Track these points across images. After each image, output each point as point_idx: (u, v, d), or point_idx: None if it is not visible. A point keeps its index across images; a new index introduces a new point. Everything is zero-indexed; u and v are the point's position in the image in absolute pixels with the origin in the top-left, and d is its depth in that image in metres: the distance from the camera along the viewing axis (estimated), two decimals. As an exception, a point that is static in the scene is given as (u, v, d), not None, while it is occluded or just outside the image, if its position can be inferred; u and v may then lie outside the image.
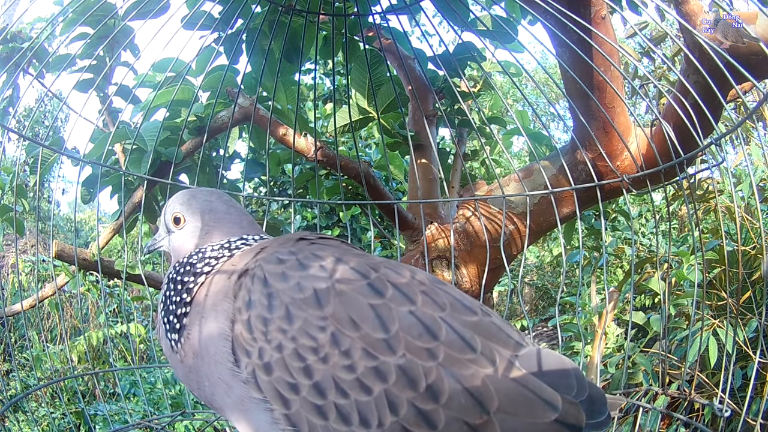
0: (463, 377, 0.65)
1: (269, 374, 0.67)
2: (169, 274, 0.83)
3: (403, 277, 0.72)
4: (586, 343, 2.36)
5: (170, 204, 0.89)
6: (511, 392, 0.65)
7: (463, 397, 0.64)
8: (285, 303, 0.68)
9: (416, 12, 1.59)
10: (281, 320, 0.67)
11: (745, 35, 1.18)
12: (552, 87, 8.24)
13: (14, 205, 1.68)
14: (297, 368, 0.66)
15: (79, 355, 4.07)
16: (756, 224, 2.76)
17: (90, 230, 6.65)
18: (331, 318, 0.67)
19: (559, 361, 0.71)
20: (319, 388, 0.65)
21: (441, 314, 0.68)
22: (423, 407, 0.64)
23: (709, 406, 1.19)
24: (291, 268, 0.71)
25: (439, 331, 0.67)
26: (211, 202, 0.88)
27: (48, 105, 6.82)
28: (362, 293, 0.69)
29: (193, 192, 0.91)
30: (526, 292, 6.75)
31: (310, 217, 4.66)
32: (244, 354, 0.69)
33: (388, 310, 0.67)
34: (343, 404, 0.65)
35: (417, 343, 0.66)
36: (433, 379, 0.64)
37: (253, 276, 0.72)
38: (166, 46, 1.31)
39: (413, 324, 0.67)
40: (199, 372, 0.75)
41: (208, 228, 0.85)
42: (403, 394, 0.64)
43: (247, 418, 0.71)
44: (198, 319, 0.75)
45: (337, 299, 0.68)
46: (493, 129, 2.42)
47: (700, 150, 1.19)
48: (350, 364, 0.65)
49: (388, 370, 0.65)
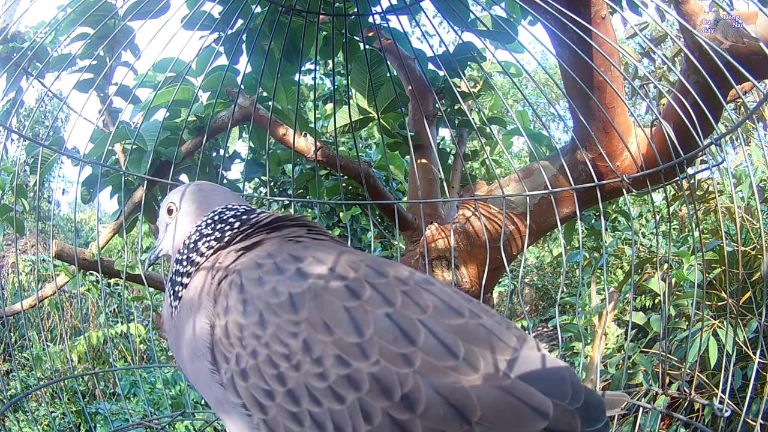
0: (442, 386, 0.62)
1: (245, 380, 0.66)
2: (175, 257, 0.86)
3: (384, 277, 0.69)
4: (586, 343, 2.35)
5: (163, 202, 0.94)
6: (495, 401, 0.62)
7: (442, 407, 0.61)
8: (259, 309, 0.67)
9: (416, 12, 1.59)
10: (255, 326, 0.66)
11: (745, 35, 1.18)
12: (552, 87, 8.25)
13: (14, 205, 1.68)
14: (271, 375, 0.65)
15: (79, 355, 4.07)
16: (756, 225, 2.76)
17: (90, 230, 6.65)
18: (305, 323, 0.65)
19: (554, 365, 0.67)
20: (293, 395, 0.64)
21: (421, 317, 0.65)
22: (398, 417, 0.61)
23: (709, 406, 1.19)
24: (268, 272, 0.70)
25: (417, 335, 0.64)
26: (197, 184, 0.94)
27: (48, 105, 6.82)
28: (338, 296, 0.66)
29: (181, 186, 0.95)
30: (527, 293, 6.75)
31: (311, 218, 4.66)
32: (224, 360, 0.69)
33: (364, 312, 0.65)
34: (317, 412, 0.63)
35: (392, 348, 0.63)
36: (410, 387, 0.61)
37: (231, 282, 0.71)
38: (166, 46, 1.31)
39: (389, 327, 0.64)
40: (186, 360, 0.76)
41: (198, 204, 0.89)
42: (378, 403, 0.61)
43: (229, 419, 0.71)
44: (187, 310, 0.76)
45: (312, 303, 0.66)
46: (493, 129, 2.42)
47: (700, 150, 1.19)
48: (322, 371, 0.63)
49: (361, 378, 0.62)
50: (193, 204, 0.89)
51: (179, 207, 0.90)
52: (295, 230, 0.84)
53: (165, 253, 0.94)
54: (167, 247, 0.92)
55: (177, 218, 0.90)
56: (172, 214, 0.91)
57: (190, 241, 0.84)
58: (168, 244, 0.91)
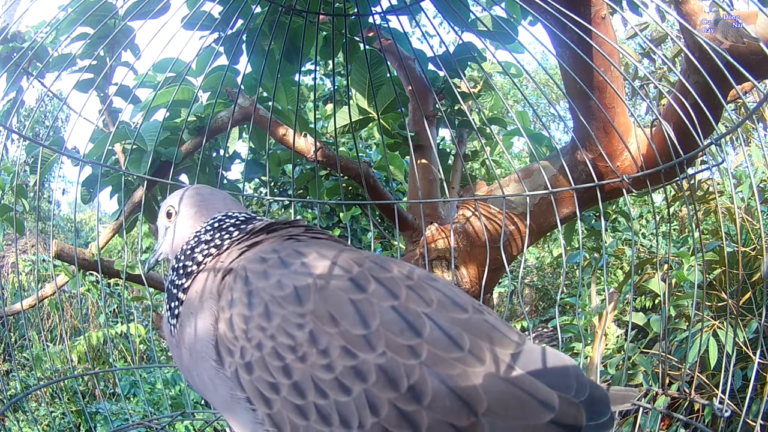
0: (448, 377, 0.62)
1: (250, 373, 0.66)
2: (172, 265, 0.85)
3: (388, 272, 0.70)
4: (586, 344, 2.35)
5: (162, 206, 0.94)
6: (501, 392, 0.63)
7: (449, 399, 0.61)
8: (264, 301, 0.67)
9: (416, 12, 1.59)
10: (260, 318, 0.67)
11: (745, 35, 1.18)
12: (552, 88, 8.25)
13: (14, 205, 1.68)
14: (276, 367, 0.65)
15: (79, 355, 4.07)
16: (756, 225, 2.76)
17: (90, 230, 6.65)
18: (311, 315, 0.65)
19: (558, 359, 0.68)
20: (299, 388, 0.64)
21: (426, 310, 0.66)
22: (405, 408, 0.61)
23: (709, 406, 1.19)
24: (273, 266, 0.70)
25: (422, 327, 0.64)
26: (196, 188, 0.94)
27: (48, 105, 6.82)
28: (343, 289, 0.67)
29: (179, 190, 0.95)
30: (527, 293, 6.74)
31: (311, 218, 4.66)
32: (228, 353, 0.68)
33: (369, 305, 0.65)
34: (323, 405, 0.63)
35: (398, 340, 0.63)
36: (416, 379, 0.62)
37: (236, 275, 0.72)
38: (166, 46, 1.31)
39: (395, 320, 0.64)
40: (189, 366, 0.76)
41: (197, 209, 0.89)
42: (384, 394, 0.62)
43: (234, 416, 0.71)
44: (188, 315, 0.76)
45: (317, 295, 0.66)
46: (493, 130, 2.42)
47: (700, 150, 1.19)
48: (328, 363, 0.63)
49: (367, 370, 0.62)
50: (192, 208, 0.89)
51: (178, 210, 0.90)
52: (292, 230, 0.84)
53: (164, 257, 0.94)
54: (166, 251, 0.92)
55: (176, 222, 0.90)
56: (171, 218, 0.91)
57: (188, 248, 0.84)
58: (167, 247, 0.92)
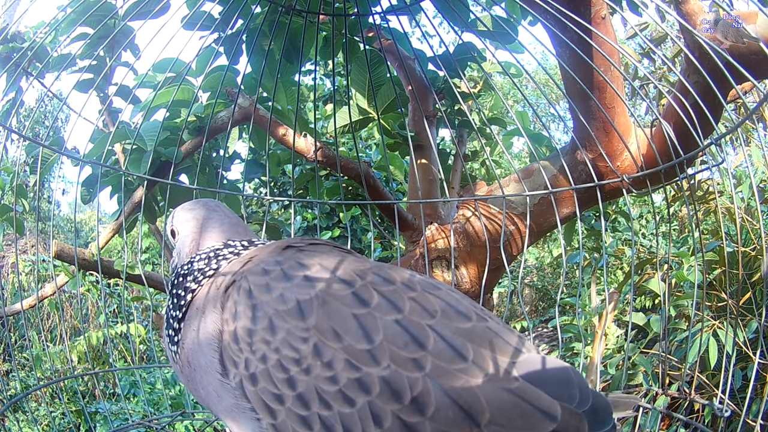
0: (451, 389, 0.63)
1: (255, 385, 0.67)
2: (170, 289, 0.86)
3: (392, 284, 0.70)
4: (586, 344, 2.35)
5: (166, 224, 0.96)
6: (504, 403, 0.63)
7: (452, 410, 0.62)
8: (268, 314, 0.68)
9: (416, 12, 1.59)
10: (265, 331, 0.68)
11: (745, 35, 1.18)
12: (552, 88, 8.24)
13: (14, 205, 1.68)
14: (281, 379, 0.66)
15: (79, 355, 4.07)
16: (756, 225, 2.76)
17: (90, 230, 6.65)
18: (314, 329, 0.66)
19: (561, 368, 0.68)
20: (303, 399, 0.64)
21: (430, 322, 0.66)
22: (408, 420, 0.62)
23: (709, 406, 1.19)
24: (275, 279, 0.71)
25: (426, 340, 0.65)
26: (194, 210, 0.93)
27: (48, 105, 6.82)
28: (346, 303, 0.67)
29: (183, 204, 0.96)
30: (526, 293, 6.74)
31: (311, 218, 4.65)
32: (232, 365, 0.69)
33: (373, 319, 0.66)
34: (327, 416, 0.63)
35: (402, 354, 0.64)
36: (419, 390, 0.62)
37: (239, 288, 0.72)
38: (166, 46, 1.31)
39: (399, 333, 0.65)
40: (194, 380, 0.76)
41: (194, 236, 0.90)
42: (388, 406, 0.62)
43: (238, 425, 0.71)
44: (189, 331, 0.77)
45: (320, 310, 0.67)
46: (493, 130, 2.42)
47: (700, 150, 1.19)
48: (332, 375, 0.64)
49: (371, 382, 0.63)
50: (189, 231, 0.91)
51: (179, 231, 0.93)
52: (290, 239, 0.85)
53: None
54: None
55: (179, 244, 0.92)
56: (175, 237, 0.93)
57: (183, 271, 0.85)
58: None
